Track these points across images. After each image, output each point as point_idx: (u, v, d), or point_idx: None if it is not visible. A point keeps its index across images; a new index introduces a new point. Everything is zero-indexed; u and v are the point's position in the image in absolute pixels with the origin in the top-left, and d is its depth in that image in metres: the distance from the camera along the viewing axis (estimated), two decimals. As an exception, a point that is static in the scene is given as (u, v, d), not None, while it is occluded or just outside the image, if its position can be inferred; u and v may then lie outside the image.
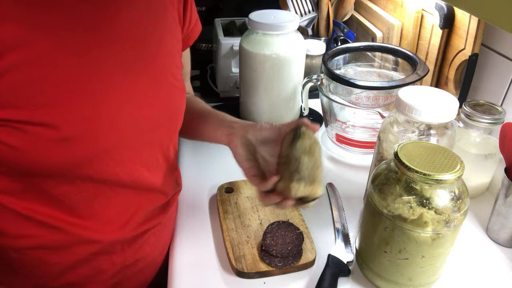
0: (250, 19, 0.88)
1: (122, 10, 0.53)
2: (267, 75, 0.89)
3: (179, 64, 0.64)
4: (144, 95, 0.56)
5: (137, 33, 0.55)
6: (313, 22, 1.15)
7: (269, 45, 0.87)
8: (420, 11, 0.95)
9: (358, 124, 0.88)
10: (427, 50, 0.93)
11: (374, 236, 0.57)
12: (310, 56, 1.07)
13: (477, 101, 0.73)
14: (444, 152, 0.54)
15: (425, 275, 0.57)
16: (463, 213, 0.53)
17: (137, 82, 0.55)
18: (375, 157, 0.73)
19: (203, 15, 1.42)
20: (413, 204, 0.52)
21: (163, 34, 0.60)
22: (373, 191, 0.57)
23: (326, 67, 0.83)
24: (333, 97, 0.86)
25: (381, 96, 0.81)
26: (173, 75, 0.61)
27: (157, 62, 0.58)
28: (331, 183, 0.81)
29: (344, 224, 0.71)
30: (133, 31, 0.54)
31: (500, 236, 0.69)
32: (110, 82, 0.52)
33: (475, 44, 0.80)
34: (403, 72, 0.87)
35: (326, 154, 0.92)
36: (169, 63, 0.61)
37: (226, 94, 1.10)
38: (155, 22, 0.58)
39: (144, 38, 0.56)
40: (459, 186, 0.53)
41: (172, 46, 0.62)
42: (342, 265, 0.62)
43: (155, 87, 0.57)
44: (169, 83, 0.60)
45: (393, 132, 0.67)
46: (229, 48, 1.03)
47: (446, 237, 0.53)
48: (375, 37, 1.08)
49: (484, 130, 0.72)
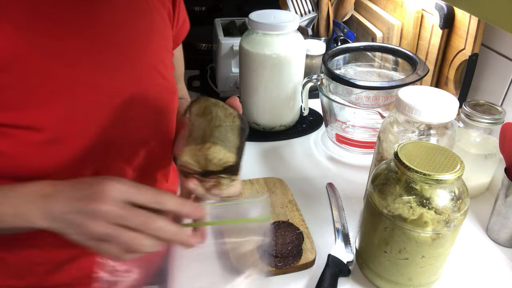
0: (250, 19, 0.88)
1: (104, 10, 0.53)
2: (267, 75, 0.90)
3: (169, 65, 0.63)
4: (130, 95, 0.55)
5: (121, 33, 0.54)
6: (313, 22, 1.15)
7: (269, 45, 0.87)
8: (420, 11, 0.95)
9: (358, 124, 0.88)
10: (427, 50, 0.93)
11: (374, 236, 0.57)
12: (310, 56, 1.07)
13: (477, 101, 0.73)
14: (444, 152, 0.54)
15: (425, 275, 0.57)
16: (463, 213, 0.53)
17: (122, 82, 0.54)
18: (375, 157, 0.73)
19: (203, 15, 1.43)
20: (413, 204, 0.52)
21: (150, 33, 0.59)
22: (373, 191, 0.57)
23: (326, 67, 0.83)
24: (333, 97, 0.86)
25: (381, 96, 0.81)
26: (162, 75, 0.60)
27: (143, 62, 0.57)
28: (331, 183, 0.81)
29: (344, 224, 0.71)
30: (117, 31, 0.54)
31: (500, 236, 0.69)
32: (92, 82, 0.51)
33: (475, 44, 0.80)
34: (403, 72, 0.87)
35: (326, 154, 0.92)
36: (157, 63, 0.60)
37: (226, 94, 1.10)
38: (141, 21, 0.58)
39: (129, 37, 0.55)
40: (459, 186, 0.53)
41: (160, 46, 0.61)
42: (342, 265, 0.62)
43: (141, 86, 0.57)
44: (157, 83, 0.59)
45: (393, 132, 0.67)
46: (229, 48, 1.03)
47: (446, 237, 0.53)
48: (375, 37, 1.08)
49: (484, 130, 0.72)
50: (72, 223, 0.44)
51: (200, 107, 0.48)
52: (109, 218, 0.43)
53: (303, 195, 0.78)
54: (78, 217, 0.44)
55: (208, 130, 0.46)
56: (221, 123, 0.47)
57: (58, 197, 0.45)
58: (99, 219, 0.43)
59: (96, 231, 0.43)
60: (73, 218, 0.44)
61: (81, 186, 0.45)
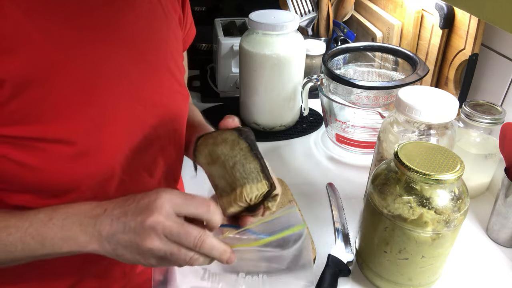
0: (250, 19, 0.88)
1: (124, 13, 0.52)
2: (267, 75, 0.90)
3: (182, 69, 0.63)
4: (152, 102, 0.54)
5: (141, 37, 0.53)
6: (313, 22, 1.15)
7: (269, 45, 0.87)
8: (420, 11, 0.95)
9: (358, 124, 0.88)
10: (427, 50, 0.93)
11: (374, 236, 0.57)
12: (310, 56, 1.07)
13: (477, 101, 0.73)
14: (444, 152, 0.54)
15: (425, 275, 0.57)
16: (463, 213, 0.53)
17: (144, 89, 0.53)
18: (375, 157, 0.73)
19: (203, 15, 1.43)
20: (413, 204, 0.52)
21: (166, 37, 0.58)
22: (373, 191, 0.57)
23: (326, 67, 0.83)
24: (333, 97, 0.86)
25: (381, 96, 0.81)
26: (177, 80, 0.60)
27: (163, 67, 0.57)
28: (331, 183, 0.81)
29: (344, 224, 0.71)
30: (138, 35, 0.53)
31: (500, 236, 0.69)
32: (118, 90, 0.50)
33: (475, 44, 0.80)
34: (403, 72, 0.87)
35: (326, 154, 0.92)
36: (174, 68, 0.59)
37: (226, 94, 1.10)
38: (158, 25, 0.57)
39: (149, 42, 0.55)
40: (459, 186, 0.53)
41: (176, 50, 0.61)
42: (342, 265, 0.62)
43: (161, 92, 0.56)
44: (175, 89, 0.59)
45: (393, 132, 0.67)
46: (229, 48, 1.03)
47: (446, 237, 0.53)
48: (375, 37, 1.08)
49: (484, 130, 0.72)
50: (125, 242, 0.42)
51: (205, 155, 0.47)
52: (164, 232, 0.42)
53: (303, 195, 0.78)
54: (131, 236, 0.42)
55: (228, 176, 0.46)
56: (233, 160, 0.46)
57: (108, 216, 0.43)
58: (153, 235, 0.41)
59: (151, 247, 0.42)
60: (126, 237, 0.42)
61: (131, 202, 0.43)
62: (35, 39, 0.43)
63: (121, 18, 0.52)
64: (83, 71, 0.47)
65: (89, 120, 0.47)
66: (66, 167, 0.46)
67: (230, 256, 0.46)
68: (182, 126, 0.63)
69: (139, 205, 0.43)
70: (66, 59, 0.45)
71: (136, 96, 0.53)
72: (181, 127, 0.62)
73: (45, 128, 0.44)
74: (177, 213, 0.43)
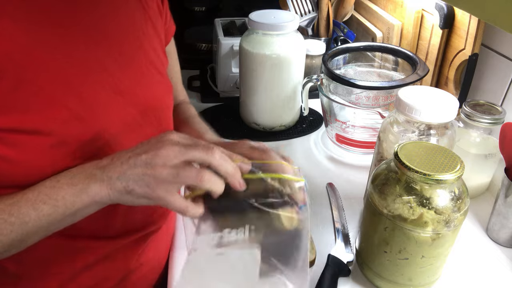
0: (250, 19, 0.88)
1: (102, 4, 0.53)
2: (267, 75, 0.89)
3: (164, 59, 0.63)
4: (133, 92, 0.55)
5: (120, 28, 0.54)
6: (313, 22, 1.15)
7: (269, 45, 0.87)
8: (420, 11, 0.95)
9: (358, 124, 0.88)
10: (427, 50, 0.93)
11: (374, 236, 0.57)
12: (310, 56, 1.07)
13: (477, 101, 0.73)
14: (444, 152, 0.54)
15: (425, 275, 0.57)
16: (463, 213, 0.53)
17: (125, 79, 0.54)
18: (375, 157, 0.73)
19: (203, 15, 1.43)
20: (413, 204, 0.52)
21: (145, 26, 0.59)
22: (373, 191, 0.57)
23: (326, 67, 0.83)
24: (333, 97, 0.86)
25: (381, 96, 0.81)
26: (158, 70, 0.60)
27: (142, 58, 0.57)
28: (331, 183, 0.81)
29: (344, 224, 0.71)
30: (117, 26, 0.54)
31: (500, 236, 0.69)
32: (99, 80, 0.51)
33: (475, 44, 0.80)
34: (403, 72, 0.87)
35: (326, 154, 0.92)
36: (154, 58, 0.60)
37: (226, 94, 1.10)
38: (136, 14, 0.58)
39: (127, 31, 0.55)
40: (459, 186, 0.53)
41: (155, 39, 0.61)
42: (342, 265, 0.62)
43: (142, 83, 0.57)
44: (156, 80, 0.59)
45: (393, 132, 0.67)
46: (229, 48, 1.03)
47: (446, 237, 0.53)
48: (375, 37, 1.08)
49: (484, 130, 0.72)
50: (137, 176, 0.43)
51: None
52: (179, 138, 0.44)
53: (303, 195, 0.78)
54: (141, 168, 0.43)
55: None
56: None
57: (116, 161, 0.45)
58: (168, 144, 0.43)
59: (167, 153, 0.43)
60: (137, 170, 0.43)
61: (139, 146, 0.45)
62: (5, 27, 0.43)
63: (99, 11, 0.52)
64: (61, 63, 0.47)
65: (67, 110, 0.47)
66: (47, 158, 0.46)
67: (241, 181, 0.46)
68: (167, 117, 0.63)
69: (149, 143, 0.45)
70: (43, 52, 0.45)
71: (115, 87, 0.53)
72: (166, 118, 0.63)
73: (21, 118, 0.44)
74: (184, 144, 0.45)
